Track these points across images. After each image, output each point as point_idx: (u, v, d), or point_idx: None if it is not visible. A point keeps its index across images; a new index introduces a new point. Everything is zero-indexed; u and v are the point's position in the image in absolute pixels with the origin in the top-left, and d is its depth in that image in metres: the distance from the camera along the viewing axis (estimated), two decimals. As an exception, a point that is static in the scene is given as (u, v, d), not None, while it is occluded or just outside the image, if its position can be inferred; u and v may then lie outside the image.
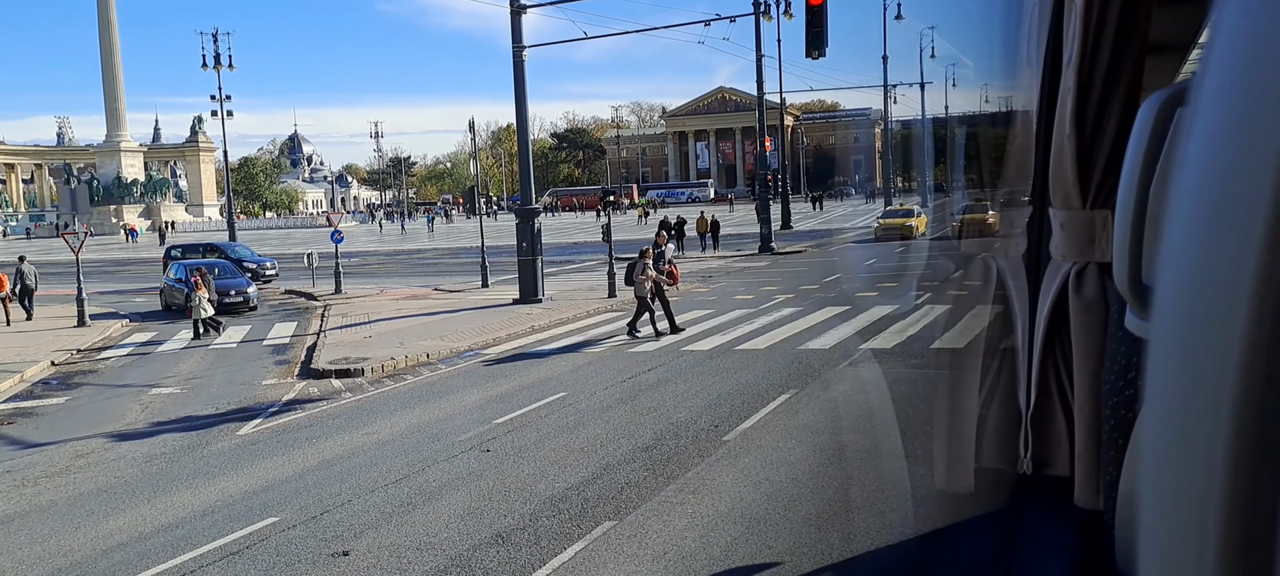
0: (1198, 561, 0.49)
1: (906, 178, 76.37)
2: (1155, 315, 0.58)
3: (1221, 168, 0.50)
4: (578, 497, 8.56)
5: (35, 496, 9.99)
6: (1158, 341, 0.56)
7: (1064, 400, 1.77)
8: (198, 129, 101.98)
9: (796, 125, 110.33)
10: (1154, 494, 0.55)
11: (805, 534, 7.41)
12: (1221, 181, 0.50)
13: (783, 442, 10.01)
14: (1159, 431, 0.55)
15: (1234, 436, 0.47)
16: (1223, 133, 0.50)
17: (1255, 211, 0.46)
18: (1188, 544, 0.50)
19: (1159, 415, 0.55)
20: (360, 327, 20.84)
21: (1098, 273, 1.61)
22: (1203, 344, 0.50)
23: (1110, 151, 1.52)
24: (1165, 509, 0.54)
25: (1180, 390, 0.52)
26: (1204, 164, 0.52)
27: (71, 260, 23.68)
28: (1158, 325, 0.56)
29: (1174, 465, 0.53)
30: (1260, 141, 0.46)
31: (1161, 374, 0.55)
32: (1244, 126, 0.48)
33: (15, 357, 18.95)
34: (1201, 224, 0.51)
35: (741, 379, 13.38)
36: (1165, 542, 0.53)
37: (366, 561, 7.43)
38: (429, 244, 56.35)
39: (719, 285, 26.34)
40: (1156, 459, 0.55)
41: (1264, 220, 0.46)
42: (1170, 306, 0.55)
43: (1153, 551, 0.55)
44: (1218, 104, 0.51)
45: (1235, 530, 0.48)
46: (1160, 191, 1.05)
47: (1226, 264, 0.48)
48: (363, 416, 12.89)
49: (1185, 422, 0.51)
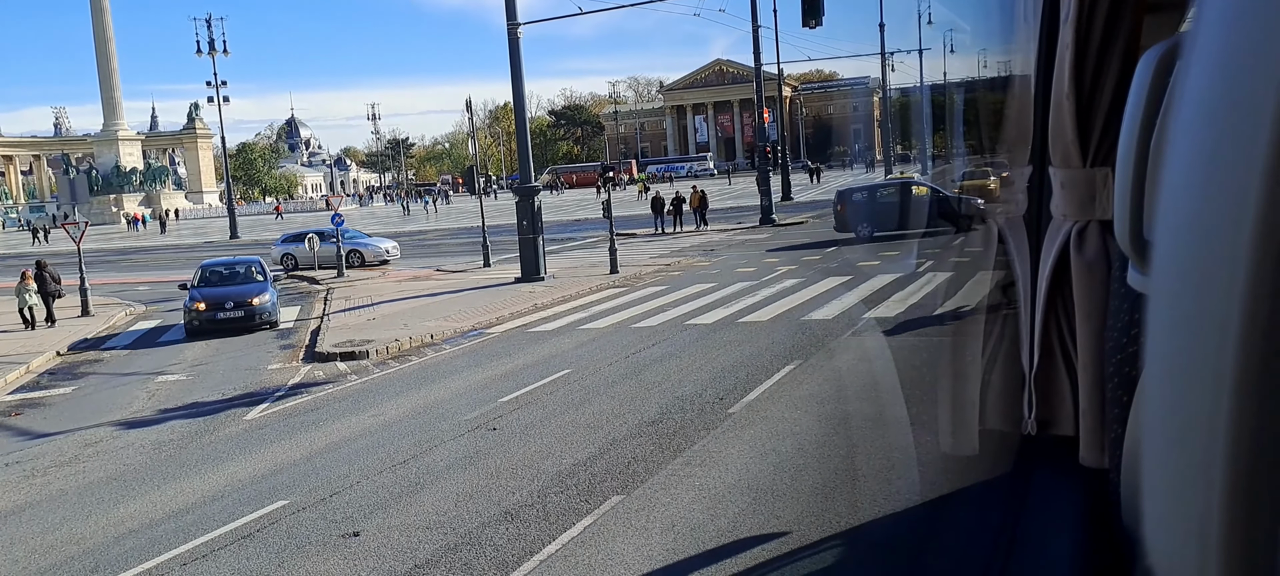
0: (1203, 514, 0.50)
1: (906, 145, 76.12)
2: (1153, 269, 0.58)
3: (1215, 118, 0.50)
4: (585, 473, 8.60)
5: (45, 486, 10.05)
6: (1157, 294, 0.56)
7: (1067, 360, 1.78)
8: (194, 116, 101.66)
9: (795, 96, 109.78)
10: (1157, 448, 0.56)
11: (812, 503, 7.45)
12: (1215, 132, 0.50)
13: (788, 413, 10.04)
14: (1160, 386, 0.55)
15: (1235, 388, 0.48)
16: (1216, 84, 0.50)
17: (1251, 162, 0.46)
18: (1192, 497, 0.50)
19: (1160, 369, 0.56)
20: (364, 310, 20.87)
21: (1099, 231, 1.60)
22: (1201, 295, 0.50)
23: (1109, 108, 1.52)
24: (1169, 463, 0.54)
25: (1180, 343, 0.52)
26: (1198, 116, 0.52)
27: (72, 250, 23.70)
28: (1156, 279, 0.57)
29: (1176, 419, 0.53)
30: (1252, 93, 0.46)
31: (1161, 327, 0.55)
32: (1236, 78, 0.48)
33: (21, 349, 19.01)
34: (1197, 176, 0.51)
35: (745, 351, 13.40)
36: (1170, 496, 0.54)
37: (377, 541, 7.48)
38: (430, 225, 56.27)
39: (721, 258, 26.33)
40: (1159, 413, 0.55)
41: (1259, 171, 0.46)
42: (1168, 260, 0.55)
43: (1157, 505, 0.55)
44: (1210, 57, 0.51)
45: (1240, 482, 0.48)
46: (1160, 147, 1.05)
47: (1223, 215, 0.48)
48: (369, 398, 12.94)
49: (1186, 376, 0.52)
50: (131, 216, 76.12)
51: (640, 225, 38.10)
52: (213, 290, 20.41)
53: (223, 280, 21.19)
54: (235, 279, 21.23)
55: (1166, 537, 0.54)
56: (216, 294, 20.10)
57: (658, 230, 36.66)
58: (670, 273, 24.11)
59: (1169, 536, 0.54)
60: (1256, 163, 0.46)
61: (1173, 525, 0.53)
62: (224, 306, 19.59)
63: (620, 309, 18.53)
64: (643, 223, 38.65)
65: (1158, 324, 0.56)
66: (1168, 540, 0.54)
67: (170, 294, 28.20)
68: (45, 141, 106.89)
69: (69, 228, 24.15)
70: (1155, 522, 0.56)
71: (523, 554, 6.94)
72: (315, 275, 28.91)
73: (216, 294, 20.10)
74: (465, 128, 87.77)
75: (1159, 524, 0.55)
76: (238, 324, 19.43)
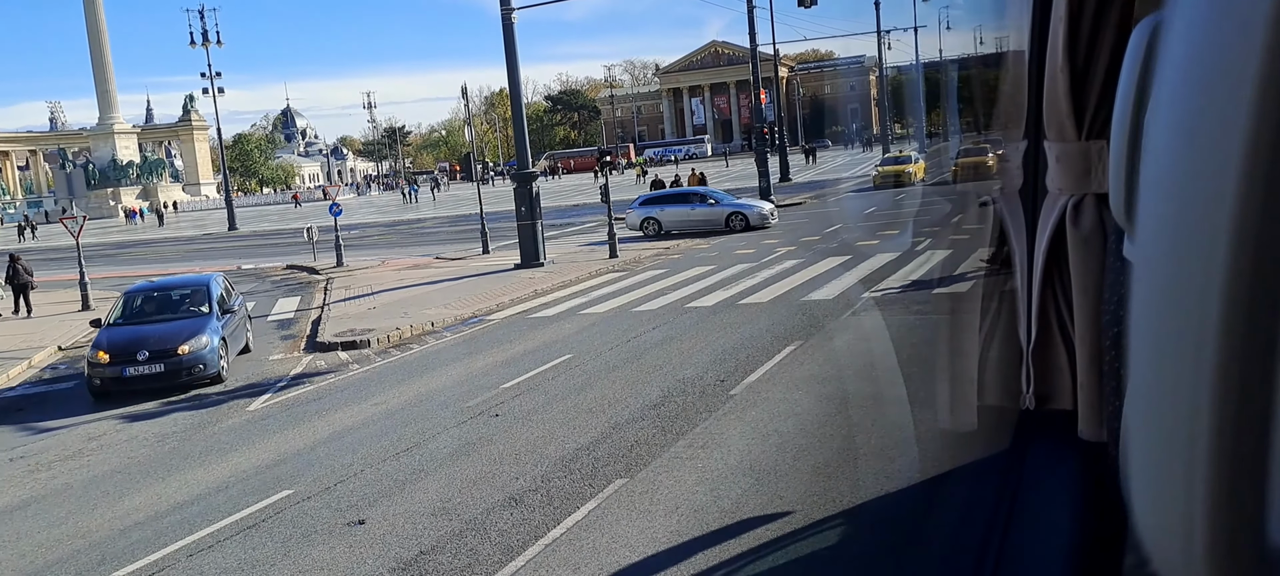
0: (1187, 480, 0.50)
1: (903, 124, 75.99)
2: (1138, 235, 0.58)
3: (1197, 82, 0.50)
4: (588, 457, 8.63)
5: (50, 480, 10.09)
6: (1141, 261, 0.56)
7: (1065, 333, 1.78)
8: (190, 107, 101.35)
9: (791, 76, 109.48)
10: (1141, 415, 0.56)
11: (814, 483, 7.47)
12: (1197, 97, 0.50)
13: (789, 394, 10.06)
14: (1145, 352, 0.56)
15: (1219, 351, 0.48)
16: (1198, 47, 0.50)
17: (1233, 125, 0.46)
18: (1177, 464, 0.51)
19: (1145, 335, 0.56)
20: (364, 299, 20.88)
21: (1095, 204, 1.61)
22: (1185, 261, 0.51)
23: (1104, 80, 1.51)
24: (1154, 429, 0.55)
25: (1165, 309, 0.53)
26: (1180, 80, 0.52)
27: (70, 244, 23.68)
28: (1141, 245, 0.57)
29: (1161, 386, 0.54)
30: (1234, 56, 0.47)
31: (1145, 293, 0.55)
32: (1217, 41, 0.48)
33: (23, 344, 19.03)
34: (1180, 140, 0.52)
35: (746, 333, 13.41)
36: (1155, 461, 0.54)
37: (382, 529, 7.51)
38: (428, 213, 56.24)
39: (719, 241, 26.31)
40: (1144, 380, 0.56)
41: (1241, 134, 0.46)
42: (1152, 225, 0.55)
43: (1142, 470, 0.56)
44: (1192, 19, 0.51)
45: (1225, 447, 0.49)
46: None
47: (1206, 180, 0.48)
48: (371, 387, 12.96)
49: (1171, 342, 0.52)
50: (129, 210, 75.99)
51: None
52: (127, 332, 14.23)
53: (147, 314, 15.08)
54: (166, 311, 15.14)
55: (1152, 502, 0.55)
56: (129, 338, 13.95)
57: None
58: (669, 256, 24.10)
59: (1155, 501, 0.54)
60: (1238, 124, 0.46)
61: (1156, 490, 0.54)
62: (135, 358, 13.48)
63: (620, 293, 18.53)
64: (641, 206, 38.55)
65: (1142, 289, 0.56)
66: (1154, 504, 0.54)
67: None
68: (41, 136, 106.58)
69: (67, 222, 24.10)
70: (1140, 487, 0.56)
71: (527, 538, 6.97)
72: (315, 264, 28.88)
73: (129, 338, 13.95)
74: (461, 115, 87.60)
75: (1143, 489, 0.56)
76: (157, 383, 13.47)
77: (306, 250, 31.44)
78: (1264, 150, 0.46)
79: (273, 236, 45.00)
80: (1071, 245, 1.66)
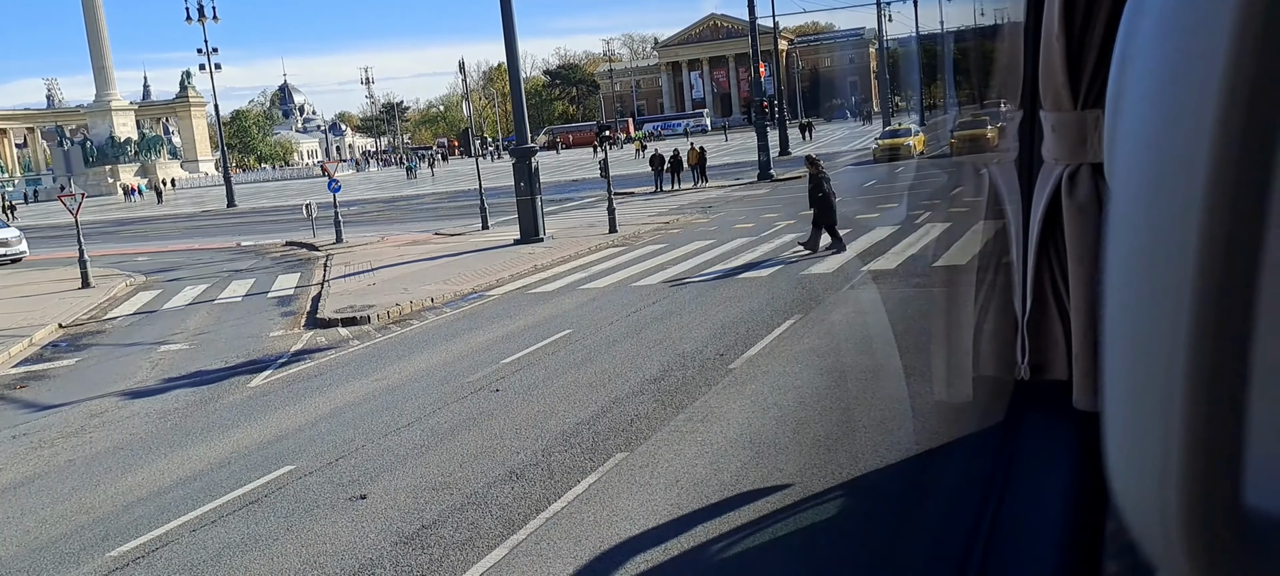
0: (1163, 443, 0.51)
1: (903, 96, 75.64)
2: (1113, 190, 0.58)
3: (1173, 35, 0.51)
4: (588, 431, 8.66)
5: (53, 457, 10.13)
6: (1116, 216, 0.56)
7: (1060, 304, 1.78)
8: (187, 84, 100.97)
9: (791, 49, 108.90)
10: (1117, 378, 0.56)
11: (814, 455, 7.51)
12: (1173, 50, 0.50)
13: (789, 367, 10.09)
14: (1120, 308, 0.56)
15: (1193, 308, 0.49)
16: (1173, 7, 0.51)
17: (1207, 79, 0.47)
18: (1152, 427, 0.51)
19: (1118, 297, 0.56)
20: (363, 276, 20.88)
21: (1090, 173, 1.60)
22: (1160, 215, 0.51)
23: (1100, 49, 1.51)
24: (1129, 391, 0.55)
25: (1140, 263, 0.53)
26: (1156, 32, 0.53)
27: (69, 222, 23.66)
28: (1116, 201, 0.57)
29: (1134, 348, 0.54)
30: (1208, 9, 0.47)
31: (1120, 247, 0.55)
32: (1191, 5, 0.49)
33: (23, 321, 19.05)
34: (1155, 96, 0.52)
35: (745, 307, 13.43)
36: (1130, 426, 0.55)
37: (384, 503, 7.55)
38: (427, 188, 56.13)
39: (719, 215, 26.28)
40: (1117, 343, 0.56)
41: (1215, 88, 0.47)
42: (1126, 179, 0.55)
43: (1118, 435, 0.56)
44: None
45: (1199, 409, 0.49)
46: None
47: (1181, 133, 0.49)
48: (372, 363, 12.99)
49: (1144, 303, 0.52)
50: (127, 187, 75.81)
51: (638, 183, 37.99)
52: None
53: None
54: None
55: (1127, 465, 0.55)
56: None
57: (656, 188, 36.51)
58: (669, 231, 24.08)
59: (1130, 464, 0.55)
60: (1212, 79, 0.47)
61: (1134, 453, 0.54)
62: None
63: (620, 268, 18.53)
64: (641, 181, 38.53)
65: (1117, 249, 0.56)
66: (1129, 468, 0.55)
67: (170, 264, 28.25)
68: (38, 113, 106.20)
69: (66, 199, 24.07)
70: (1116, 449, 0.56)
71: (529, 512, 7.01)
72: (315, 241, 28.84)
73: None
74: (459, 90, 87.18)
75: (1120, 451, 0.56)
76: None
77: (305, 226, 31.39)
78: (1238, 107, 0.46)
79: (271, 213, 44.93)
80: (1067, 215, 1.66)
